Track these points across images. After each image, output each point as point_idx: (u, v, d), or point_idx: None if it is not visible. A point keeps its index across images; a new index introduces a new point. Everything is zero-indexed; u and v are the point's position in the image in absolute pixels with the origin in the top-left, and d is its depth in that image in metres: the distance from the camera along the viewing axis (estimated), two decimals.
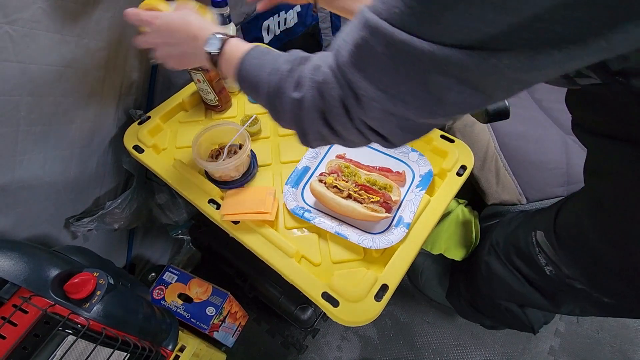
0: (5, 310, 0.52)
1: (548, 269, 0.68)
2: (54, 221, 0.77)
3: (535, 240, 0.69)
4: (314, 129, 0.42)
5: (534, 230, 0.70)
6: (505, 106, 0.69)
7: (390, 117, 0.36)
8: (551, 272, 0.67)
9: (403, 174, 0.73)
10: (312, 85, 0.40)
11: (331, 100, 0.39)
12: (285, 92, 0.42)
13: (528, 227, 0.72)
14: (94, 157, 0.80)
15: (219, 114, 0.88)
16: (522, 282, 0.77)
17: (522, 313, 0.85)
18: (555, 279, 0.67)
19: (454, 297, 1.07)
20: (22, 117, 0.61)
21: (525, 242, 0.72)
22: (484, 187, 0.92)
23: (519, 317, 0.86)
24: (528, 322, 0.86)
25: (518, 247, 0.75)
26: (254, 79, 0.46)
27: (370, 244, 0.63)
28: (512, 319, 0.88)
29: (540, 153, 0.92)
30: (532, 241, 0.69)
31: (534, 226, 0.71)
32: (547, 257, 0.67)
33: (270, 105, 0.45)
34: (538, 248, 0.68)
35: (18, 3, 0.53)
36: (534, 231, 0.70)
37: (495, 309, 0.89)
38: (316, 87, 0.39)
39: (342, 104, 0.38)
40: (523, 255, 0.74)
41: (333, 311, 0.57)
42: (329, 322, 1.20)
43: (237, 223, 0.67)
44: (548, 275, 0.68)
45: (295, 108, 0.41)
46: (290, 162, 0.78)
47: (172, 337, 0.77)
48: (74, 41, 0.64)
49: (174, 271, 1.00)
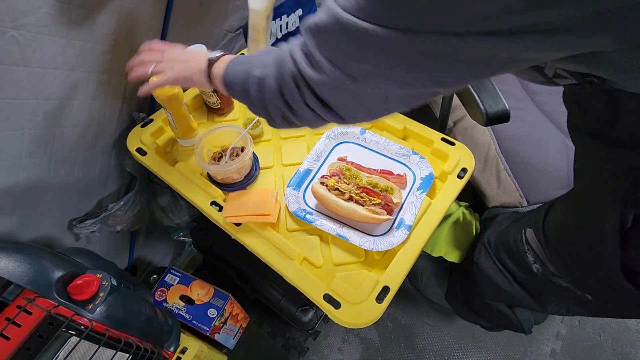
0: (10, 311, 0.52)
1: (536, 266, 0.68)
2: (58, 223, 0.78)
3: (524, 238, 0.70)
4: (275, 105, 0.47)
5: (523, 228, 0.71)
6: (505, 109, 0.69)
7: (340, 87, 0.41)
8: (538, 270, 0.68)
9: (404, 176, 0.74)
10: (273, 63, 0.45)
11: (285, 75, 0.44)
12: (251, 73, 0.47)
13: (518, 225, 0.73)
14: (97, 159, 0.81)
15: (221, 117, 0.88)
16: (509, 281, 0.77)
17: (512, 313, 0.86)
18: (542, 277, 0.68)
19: (452, 298, 1.07)
20: (27, 120, 0.62)
21: (515, 240, 0.72)
22: (485, 190, 0.93)
23: (508, 317, 0.86)
24: (518, 322, 0.86)
25: (508, 245, 0.75)
26: (234, 75, 0.51)
27: (372, 246, 0.63)
28: (504, 319, 0.88)
29: (541, 156, 0.92)
30: (522, 239, 0.70)
31: (524, 224, 0.71)
32: (535, 254, 0.68)
33: (243, 91, 0.49)
34: (527, 246, 0.69)
35: (25, 8, 0.54)
36: (523, 229, 0.70)
37: (487, 309, 0.89)
38: (275, 65, 0.45)
39: (294, 79, 0.43)
40: (512, 253, 0.75)
41: (334, 313, 0.58)
42: (330, 324, 1.20)
43: (239, 225, 0.68)
44: (535, 273, 0.69)
45: (259, 86, 0.47)
46: (292, 164, 0.79)
47: (174, 339, 0.77)
48: (80, 45, 0.64)
49: (176, 273, 1.01)
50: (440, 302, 1.18)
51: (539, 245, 0.66)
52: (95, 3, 0.64)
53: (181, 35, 0.90)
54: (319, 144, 0.79)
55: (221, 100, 0.84)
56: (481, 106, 0.69)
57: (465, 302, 1.00)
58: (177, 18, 0.86)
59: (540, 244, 0.66)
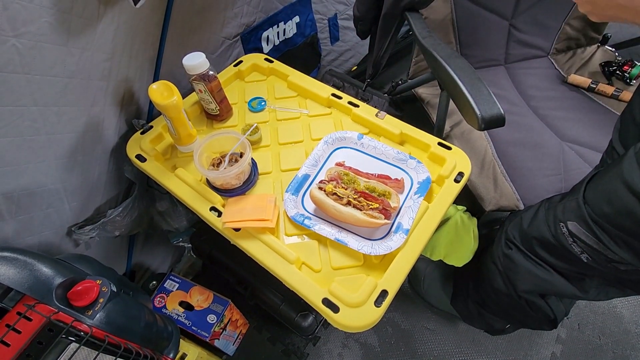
0: (10, 317, 0.53)
1: (584, 256, 0.68)
2: (57, 229, 0.78)
3: (567, 231, 0.69)
4: None
5: (562, 222, 0.70)
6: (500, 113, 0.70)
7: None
8: (588, 259, 0.68)
9: (401, 181, 0.74)
10: None
11: None
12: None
13: (553, 220, 0.73)
14: (96, 165, 0.81)
15: (220, 123, 0.89)
16: (548, 271, 0.77)
17: (545, 304, 0.85)
18: (593, 264, 0.68)
19: (460, 301, 1.07)
20: (26, 127, 0.62)
21: (554, 234, 0.72)
22: (482, 194, 0.93)
23: (541, 308, 0.85)
24: (552, 313, 0.86)
25: (544, 240, 0.75)
26: None
27: (370, 250, 0.64)
28: (533, 313, 0.87)
29: (537, 159, 0.93)
30: (563, 232, 0.70)
31: (560, 218, 0.71)
32: (585, 245, 0.67)
33: None
34: (572, 238, 0.68)
35: (26, 17, 0.54)
36: (562, 223, 0.70)
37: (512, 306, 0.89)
38: None
39: None
40: (549, 246, 0.74)
41: (333, 317, 0.58)
42: (329, 329, 1.19)
43: (238, 230, 0.68)
44: (584, 262, 0.69)
45: None
46: (291, 170, 0.79)
47: (174, 345, 0.77)
48: (79, 53, 0.65)
49: (175, 279, 1.01)
50: (442, 306, 1.18)
51: (593, 237, 0.65)
52: (94, 12, 0.65)
53: (179, 43, 0.91)
54: (317, 149, 0.80)
55: (220, 107, 0.85)
56: (476, 111, 0.70)
57: (478, 303, 0.99)
58: (175, 25, 0.87)
59: (595, 235, 0.65)
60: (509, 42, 1.18)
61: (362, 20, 1.05)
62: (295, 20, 1.24)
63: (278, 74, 0.98)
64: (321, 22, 1.37)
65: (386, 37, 1.03)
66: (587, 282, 0.76)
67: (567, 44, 1.22)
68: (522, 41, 1.19)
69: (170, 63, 0.90)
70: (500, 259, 0.86)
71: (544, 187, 0.89)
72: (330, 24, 1.40)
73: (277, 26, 1.18)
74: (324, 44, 1.45)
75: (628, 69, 1.09)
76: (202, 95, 0.82)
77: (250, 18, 1.08)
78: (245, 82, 0.98)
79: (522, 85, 1.14)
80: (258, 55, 1.00)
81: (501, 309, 0.94)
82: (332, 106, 0.90)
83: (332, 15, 1.38)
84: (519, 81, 1.16)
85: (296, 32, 1.27)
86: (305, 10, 1.27)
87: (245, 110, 0.92)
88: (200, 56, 0.77)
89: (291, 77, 0.94)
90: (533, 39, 1.19)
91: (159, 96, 0.72)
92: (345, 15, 1.42)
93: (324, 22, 1.38)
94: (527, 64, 1.21)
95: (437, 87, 1.07)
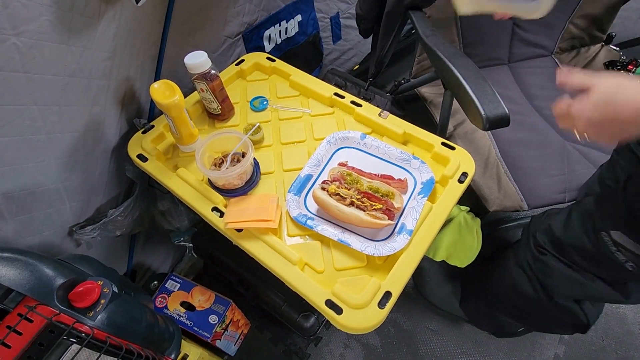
0: (11, 319, 0.52)
1: (629, 265, 0.67)
2: (57, 229, 0.78)
3: (610, 240, 0.68)
4: None
5: (603, 230, 0.69)
6: (505, 113, 0.69)
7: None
8: (633, 268, 0.67)
9: (405, 181, 0.73)
10: None
11: None
12: None
13: (591, 228, 0.71)
14: (97, 165, 0.81)
15: (222, 123, 0.88)
16: (589, 278, 0.76)
17: (580, 309, 0.85)
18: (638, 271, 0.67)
19: (470, 303, 1.06)
20: (26, 126, 0.62)
21: (592, 243, 0.71)
22: (486, 194, 0.93)
23: (575, 314, 0.85)
24: (585, 318, 0.85)
25: (581, 249, 0.74)
26: None
27: (373, 251, 0.63)
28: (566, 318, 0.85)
29: (541, 159, 0.92)
30: (606, 241, 0.68)
31: (600, 227, 0.69)
32: (630, 253, 0.66)
33: None
34: (616, 247, 0.67)
35: (26, 15, 0.54)
36: (604, 232, 0.68)
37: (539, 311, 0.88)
38: None
39: None
40: (589, 254, 0.73)
41: (336, 318, 0.57)
42: (331, 330, 1.19)
43: (240, 231, 0.68)
44: (629, 270, 0.68)
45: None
46: (293, 169, 0.79)
47: (175, 346, 0.76)
48: (80, 52, 0.65)
49: (177, 279, 1.00)
50: (446, 307, 1.17)
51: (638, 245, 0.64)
52: (95, 10, 0.64)
53: (181, 41, 0.90)
54: (320, 149, 0.79)
55: (222, 107, 0.84)
56: (481, 110, 0.69)
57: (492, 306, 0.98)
58: (177, 24, 0.86)
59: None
60: (513, 41, 1.18)
61: (364, 19, 1.05)
62: (297, 18, 1.24)
63: (280, 73, 0.97)
64: (323, 20, 1.36)
65: (389, 36, 1.03)
66: (630, 287, 0.75)
67: (571, 43, 1.21)
68: (526, 40, 1.18)
69: (171, 62, 0.90)
70: (530, 264, 0.84)
71: (547, 188, 0.88)
72: (333, 22, 1.39)
73: (279, 25, 1.18)
74: (326, 43, 1.44)
75: (632, 68, 1.08)
76: (204, 94, 0.82)
77: (252, 16, 1.08)
78: (247, 81, 0.98)
79: (526, 85, 1.14)
80: (260, 54, 1.00)
81: (522, 313, 0.93)
82: (334, 105, 0.90)
83: (335, 14, 1.38)
84: (522, 80, 1.15)
85: (298, 30, 1.27)
86: (307, 9, 1.27)
87: (247, 109, 0.91)
88: (202, 55, 0.77)
89: (293, 76, 0.94)
90: (537, 38, 1.18)
91: (161, 95, 0.71)
92: (347, 14, 1.41)
93: (326, 20, 1.37)
94: (531, 63, 1.20)
95: (440, 86, 1.06)
